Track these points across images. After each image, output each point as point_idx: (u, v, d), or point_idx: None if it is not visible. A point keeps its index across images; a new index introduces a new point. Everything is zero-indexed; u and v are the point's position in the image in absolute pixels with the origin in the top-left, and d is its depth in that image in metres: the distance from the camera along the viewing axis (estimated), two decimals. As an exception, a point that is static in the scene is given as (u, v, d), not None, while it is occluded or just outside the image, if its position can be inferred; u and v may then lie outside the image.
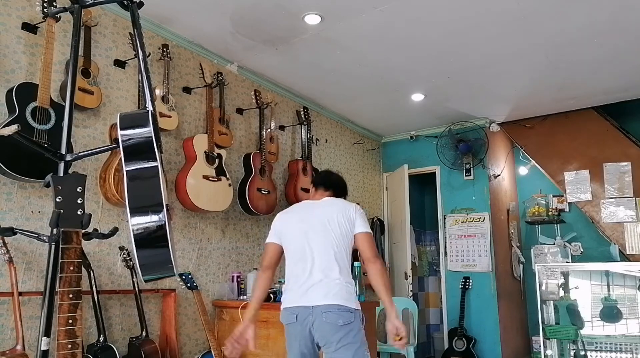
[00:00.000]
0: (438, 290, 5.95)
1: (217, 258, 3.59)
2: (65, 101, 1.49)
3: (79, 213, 1.29)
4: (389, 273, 5.52)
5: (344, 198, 2.65)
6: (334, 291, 2.27)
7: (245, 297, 3.49)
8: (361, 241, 2.40)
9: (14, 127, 1.26)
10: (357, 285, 3.13)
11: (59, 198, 1.28)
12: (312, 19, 3.21)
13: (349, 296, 2.29)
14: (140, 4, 1.63)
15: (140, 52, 1.54)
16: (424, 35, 3.47)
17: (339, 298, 2.26)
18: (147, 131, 1.34)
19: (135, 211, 1.27)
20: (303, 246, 2.38)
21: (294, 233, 2.44)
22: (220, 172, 3.39)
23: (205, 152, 3.32)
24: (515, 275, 5.51)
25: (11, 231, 1.40)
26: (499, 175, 5.40)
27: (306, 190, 4.06)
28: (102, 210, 2.85)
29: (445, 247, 5.36)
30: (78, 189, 1.31)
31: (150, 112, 1.38)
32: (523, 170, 5.77)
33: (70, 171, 1.46)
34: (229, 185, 3.44)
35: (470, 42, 3.57)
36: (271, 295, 3.25)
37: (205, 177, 3.28)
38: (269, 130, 4.04)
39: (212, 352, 2.95)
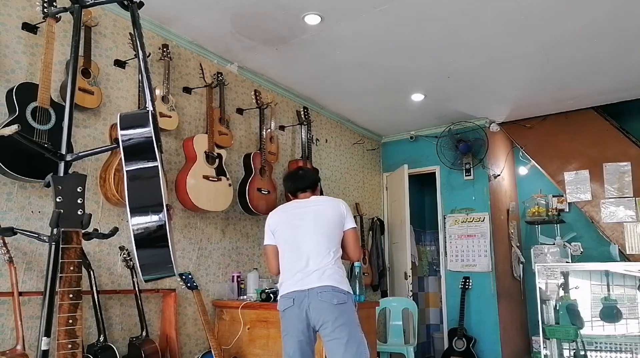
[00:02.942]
0: (438, 290, 5.95)
1: (217, 258, 3.59)
2: (65, 101, 1.49)
3: (79, 213, 1.29)
4: (389, 273, 5.54)
5: (319, 184, 2.84)
6: (328, 274, 2.41)
7: (245, 297, 3.49)
8: (349, 237, 2.60)
9: (14, 128, 1.26)
10: (357, 285, 3.13)
11: (59, 198, 1.28)
12: (312, 19, 3.21)
13: (341, 280, 2.44)
14: (140, 4, 1.63)
15: (140, 52, 1.54)
16: (424, 36, 3.48)
17: (332, 281, 2.40)
18: (147, 131, 1.34)
19: (136, 211, 1.28)
20: (295, 237, 2.52)
21: (286, 227, 2.57)
22: (220, 172, 3.39)
23: (205, 152, 3.32)
24: (515, 275, 5.51)
25: (11, 231, 1.40)
26: (499, 175, 5.40)
27: (306, 190, 4.06)
28: (102, 210, 2.85)
29: (445, 247, 5.36)
30: (78, 189, 1.31)
31: (150, 112, 1.38)
32: (523, 170, 5.77)
33: (70, 171, 1.46)
34: (229, 185, 3.44)
35: (470, 42, 3.57)
36: (271, 295, 3.26)
37: (206, 177, 3.28)
38: (269, 130, 4.04)
39: (212, 352, 2.95)
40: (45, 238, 1.32)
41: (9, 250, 2.30)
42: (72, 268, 1.28)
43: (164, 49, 3.24)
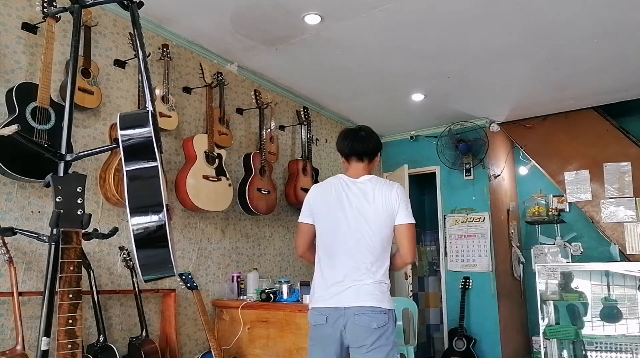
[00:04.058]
0: (438, 290, 5.95)
1: (217, 258, 3.59)
2: (65, 101, 1.49)
3: (79, 213, 1.29)
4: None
5: (380, 153, 2.35)
6: (367, 291, 2.09)
7: (245, 297, 3.49)
8: (401, 235, 2.16)
9: (14, 127, 1.26)
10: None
11: (59, 198, 1.28)
12: (312, 19, 3.21)
13: (382, 296, 2.11)
14: (140, 4, 1.63)
15: (140, 52, 1.54)
16: (424, 36, 3.47)
17: (372, 299, 2.08)
18: (147, 131, 1.34)
19: (135, 211, 1.27)
20: (335, 239, 2.17)
21: (326, 220, 2.20)
22: (220, 172, 3.39)
23: (205, 152, 3.32)
24: (515, 275, 5.50)
25: (11, 231, 1.40)
26: (499, 175, 5.40)
27: (306, 190, 4.06)
28: (102, 210, 2.85)
29: (445, 247, 5.36)
30: (78, 189, 1.31)
31: (150, 112, 1.38)
32: (523, 170, 5.77)
33: (70, 171, 1.46)
34: (229, 185, 3.44)
35: (470, 42, 3.57)
36: (271, 295, 3.26)
37: (205, 177, 3.28)
38: (269, 130, 4.03)
39: (212, 352, 2.95)
40: (45, 238, 1.32)
41: (9, 250, 2.30)
42: (72, 268, 1.28)
43: (164, 49, 3.24)
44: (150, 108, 1.43)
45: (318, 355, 2.15)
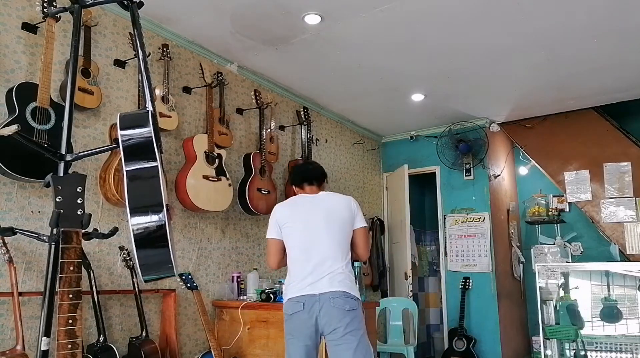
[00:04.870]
0: (438, 290, 5.95)
1: (217, 258, 3.59)
2: (65, 101, 1.49)
3: (79, 213, 1.29)
4: (389, 273, 5.54)
5: (325, 180, 2.77)
6: (339, 279, 2.36)
7: (245, 297, 3.49)
8: (359, 236, 2.55)
9: (14, 127, 1.26)
10: (357, 284, 3.12)
11: (59, 198, 1.28)
12: (312, 19, 3.21)
13: (352, 285, 2.40)
14: (140, 4, 1.63)
15: (140, 52, 1.54)
16: (424, 35, 3.47)
17: (344, 286, 2.35)
18: (147, 131, 1.34)
19: (135, 211, 1.27)
20: (306, 237, 2.44)
21: (296, 225, 2.48)
22: (220, 172, 3.39)
23: (205, 152, 3.32)
24: (515, 275, 5.50)
25: (11, 231, 1.40)
26: (499, 175, 5.40)
27: (306, 190, 4.05)
28: (102, 210, 2.85)
29: (445, 247, 5.36)
30: (78, 189, 1.31)
31: (150, 112, 1.38)
32: (523, 170, 5.77)
33: (70, 171, 1.46)
34: (229, 185, 3.44)
35: (470, 42, 3.57)
36: (271, 295, 3.26)
37: (205, 177, 3.28)
38: (269, 130, 4.04)
39: (212, 352, 2.95)
40: (45, 238, 1.32)
41: (9, 250, 2.30)
42: (72, 268, 1.28)
43: (164, 49, 3.24)
44: (150, 108, 1.43)
45: (295, 346, 2.34)
